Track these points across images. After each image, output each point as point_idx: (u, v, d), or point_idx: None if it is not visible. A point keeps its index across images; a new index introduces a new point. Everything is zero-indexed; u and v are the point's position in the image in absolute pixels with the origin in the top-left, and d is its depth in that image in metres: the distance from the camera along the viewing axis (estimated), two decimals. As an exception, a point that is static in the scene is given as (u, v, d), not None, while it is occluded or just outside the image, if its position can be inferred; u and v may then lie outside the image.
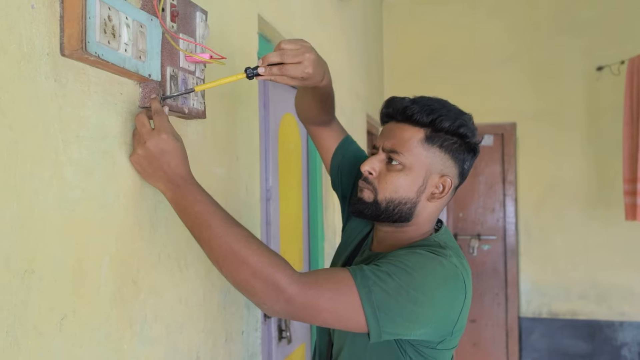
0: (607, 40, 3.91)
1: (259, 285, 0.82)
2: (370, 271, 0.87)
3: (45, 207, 0.71)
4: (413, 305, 0.87)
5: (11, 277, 0.65)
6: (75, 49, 0.74)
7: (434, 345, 0.95)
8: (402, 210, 1.00)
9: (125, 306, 0.88)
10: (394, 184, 0.99)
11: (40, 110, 0.71)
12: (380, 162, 1.01)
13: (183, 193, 0.87)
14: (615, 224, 3.82)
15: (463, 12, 4.22)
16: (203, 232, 0.85)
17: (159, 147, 0.85)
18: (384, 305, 0.85)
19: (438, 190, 1.00)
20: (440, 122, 0.97)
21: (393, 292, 0.86)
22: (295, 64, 0.92)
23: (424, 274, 0.89)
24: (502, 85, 4.10)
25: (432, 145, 0.98)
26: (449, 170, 1.01)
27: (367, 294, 0.85)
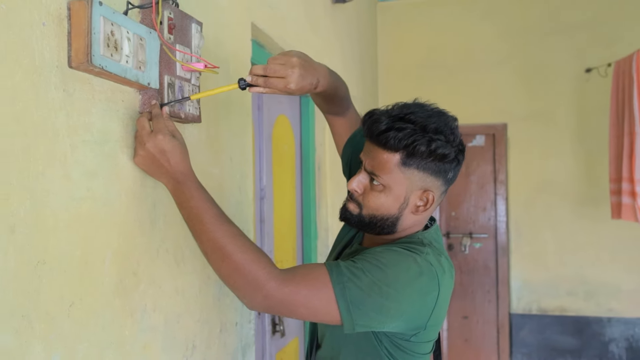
0: (595, 43, 3.99)
1: (240, 280, 0.91)
2: (346, 267, 0.94)
3: (55, 205, 0.79)
4: (385, 300, 0.94)
5: (25, 268, 0.73)
6: (81, 61, 0.81)
7: (408, 338, 1.02)
8: (384, 224, 1.05)
9: (127, 296, 0.96)
10: (376, 202, 1.04)
11: (51, 118, 0.78)
12: (365, 180, 1.05)
13: (181, 188, 0.95)
14: (603, 222, 3.91)
15: (456, 15, 4.30)
16: (196, 226, 0.94)
17: (158, 148, 0.93)
18: (357, 300, 0.92)
19: (422, 203, 1.04)
20: (414, 148, 0.97)
21: (366, 287, 0.93)
22: (278, 79, 0.99)
23: (396, 271, 0.96)
24: (493, 86, 4.18)
25: (408, 167, 1.00)
26: (431, 184, 1.02)
27: (341, 290, 0.92)
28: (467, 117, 4.30)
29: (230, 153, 1.43)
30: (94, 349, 0.87)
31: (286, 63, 1.00)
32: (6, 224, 0.70)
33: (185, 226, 1.14)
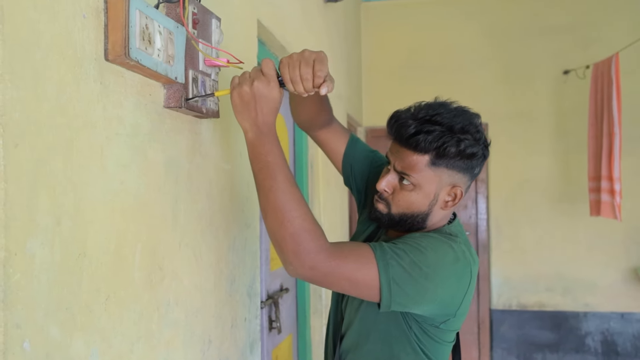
0: (573, 46, 4.12)
1: (293, 246, 0.92)
2: (389, 247, 0.98)
3: (94, 197, 0.79)
4: (424, 280, 0.97)
5: (69, 260, 0.73)
6: (118, 54, 0.81)
7: (437, 324, 1.05)
8: (415, 220, 1.09)
9: (154, 290, 0.96)
10: (406, 201, 1.07)
11: (90, 111, 0.78)
12: (394, 180, 1.08)
13: (263, 140, 0.96)
14: (580, 219, 4.04)
15: (439, 15, 4.38)
16: (266, 182, 0.94)
17: (262, 91, 0.94)
18: (398, 278, 0.96)
19: (450, 199, 1.08)
20: (444, 150, 1.00)
21: (407, 266, 0.96)
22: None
23: (435, 254, 1.00)
24: (475, 86, 4.26)
25: (438, 167, 1.03)
26: (459, 180, 1.06)
27: (384, 266, 0.95)
28: (449, 116, 4.37)
29: (240, 149, 1.43)
30: (126, 343, 0.87)
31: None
32: (53, 215, 0.70)
33: (202, 222, 1.16)
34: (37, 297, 0.67)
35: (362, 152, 1.36)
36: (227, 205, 1.32)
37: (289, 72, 0.96)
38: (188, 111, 1.04)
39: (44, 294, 0.68)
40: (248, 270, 1.47)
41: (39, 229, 0.67)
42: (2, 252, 0.61)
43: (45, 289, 0.68)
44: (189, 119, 1.12)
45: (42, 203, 0.68)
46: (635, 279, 4.05)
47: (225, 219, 1.31)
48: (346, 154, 1.35)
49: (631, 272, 4.07)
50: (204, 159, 1.19)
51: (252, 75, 0.96)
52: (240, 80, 0.98)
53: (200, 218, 1.17)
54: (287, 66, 0.96)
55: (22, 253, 0.64)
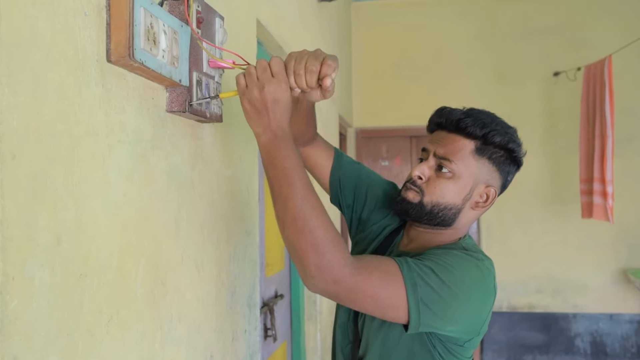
0: (563, 48, 4.12)
1: (315, 258, 0.84)
2: (415, 264, 0.92)
3: (95, 210, 0.72)
4: (453, 301, 0.92)
5: (69, 281, 0.67)
6: (122, 55, 0.75)
7: (462, 343, 1.01)
8: (446, 214, 1.05)
9: (157, 307, 0.90)
10: (442, 189, 1.03)
11: (92, 116, 0.72)
12: (430, 168, 1.05)
13: (279, 144, 0.88)
14: (571, 221, 4.04)
15: (429, 16, 4.35)
16: (283, 188, 0.87)
17: (274, 96, 0.87)
18: (427, 298, 0.90)
19: (482, 199, 1.06)
20: (492, 137, 1.01)
21: (437, 287, 0.91)
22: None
23: (463, 273, 0.95)
24: (466, 87, 4.25)
25: (481, 156, 1.02)
26: (494, 181, 1.06)
27: (412, 286, 0.89)
28: (440, 117, 4.35)
29: (241, 153, 1.37)
30: (129, 366, 0.81)
31: None
32: (53, 234, 0.63)
33: (204, 231, 1.10)
34: (36, 324, 0.60)
35: (349, 164, 1.30)
36: (227, 213, 1.26)
37: (295, 64, 0.89)
38: (192, 115, 0.98)
39: (43, 320, 0.62)
40: (248, 280, 1.42)
41: (38, 249, 0.61)
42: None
43: (45, 314, 0.62)
44: (191, 123, 1.06)
45: (42, 220, 0.61)
46: (624, 281, 4.07)
47: (226, 228, 1.25)
48: (334, 168, 1.28)
49: (620, 274, 4.09)
50: (206, 166, 1.13)
51: (261, 78, 0.89)
52: (249, 84, 0.90)
53: (202, 228, 1.10)
54: (294, 59, 0.90)
55: (20, 277, 0.58)
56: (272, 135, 0.89)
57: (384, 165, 4.45)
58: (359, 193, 1.28)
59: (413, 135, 4.38)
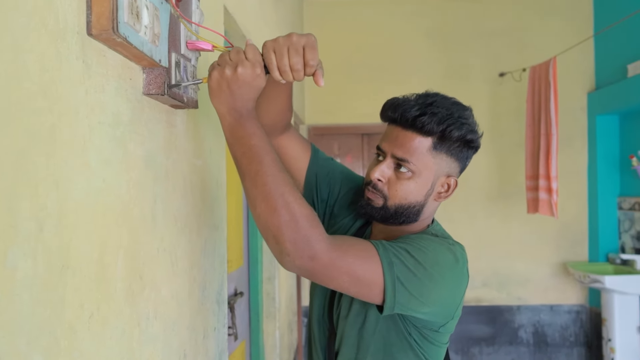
0: (509, 49, 4.27)
1: (290, 234, 0.82)
2: (390, 245, 0.92)
3: (77, 197, 0.66)
4: (428, 282, 0.92)
5: (52, 273, 0.60)
6: (105, 28, 0.69)
7: (437, 328, 1.01)
8: (410, 212, 1.04)
9: (135, 303, 0.84)
10: (404, 190, 1.02)
11: (72, 93, 0.66)
12: (389, 169, 1.04)
13: (244, 122, 0.87)
14: (515, 217, 4.20)
15: (381, 15, 4.39)
16: (252, 166, 0.85)
17: (246, 79, 0.85)
18: (403, 277, 0.89)
19: (444, 189, 1.06)
20: (449, 132, 0.99)
21: (412, 266, 0.91)
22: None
23: (436, 255, 0.95)
24: (417, 86, 4.24)
25: (439, 151, 1.02)
26: (454, 170, 1.06)
27: (389, 264, 0.88)
28: (390, 115, 4.41)
29: (210, 143, 1.32)
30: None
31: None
32: (36, 220, 0.57)
33: (178, 223, 1.05)
34: (19, 320, 0.54)
35: (324, 160, 1.28)
36: (198, 205, 1.21)
37: (277, 60, 0.87)
38: (169, 100, 0.92)
39: (26, 316, 0.55)
40: (217, 275, 1.36)
41: (20, 236, 0.54)
42: (-20, 266, 0.48)
43: (28, 310, 0.56)
44: (166, 109, 1.00)
45: (24, 205, 0.55)
46: (564, 273, 4.26)
47: (197, 221, 1.19)
48: (311, 164, 1.25)
49: (560, 267, 4.28)
50: (179, 155, 1.07)
51: (234, 59, 0.86)
52: (221, 63, 0.88)
53: (176, 219, 1.05)
54: (274, 52, 0.87)
55: (2, 267, 0.51)
56: (237, 115, 0.88)
57: (336, 162, 4.46)
58: (333, 188, 1.27)
59: (365, 132, 4.41)
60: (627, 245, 4.00)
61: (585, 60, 4.22)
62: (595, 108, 4.14)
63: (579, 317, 4.32)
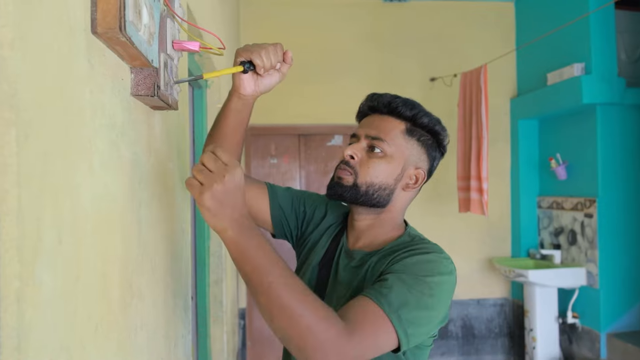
0: (439, 56, 4.45)
1: (312, 342, 0.81)
2: (388, 290, 0.91)
3: (85, 204, 0.63)
4: (431, 312, 0.93)
5: (69, 285, 0.57)
6: (111, 27, 0.66)
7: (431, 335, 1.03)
8: (381, 195, 1.07)
9: (126, 312, 0.80)
10: (375, 169, 1.06)
11: (80, 93, 0.62)
12: (362, 149, 1.08)
13: (247, 234, 0.82)
14: (447, 216, 4.38)
15: (317, 17, 4.42)
16: (264, 279, 0.81)
17: (235, 183, 0.80)
18: (411, 320, 0.90)
19: (412, 181, 1.10)
20: (420, 117, 1.07)
21: (414, 305, 0.91)
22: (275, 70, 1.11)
23: (433, 278, 0.94)
24: (352, 89, 4.39)
25: (411, 137, 1.08)
26: (423, 164, 1.11)
27: (397, 318, 0.89)
28: (326, 117, 4.46)
29: (178, 144, 1.28)
30: (107, 380, 0.71)
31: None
32: (56, 229, 0.53)
33: (156, 229, 1.01)
34: (45, 338, 0.51)
35: (282, 192, 1.29)
36: (170, 209, 1.17)
37: (264, 54, 1.08)
38: (156, 101, 0.89)
39: (50, 332, 0.52)
40: (184, 281, 1.32)
41: (45, 248, 0.51)
42: (15, 281, 0.45)
43: (51, 325, 0.52)
44: (146, 110, 0.96)
45: (48, 214, 0.52)
46: (490, 269, 4.51)
47: (169, 225, 1.16)
48: (272, 202, 1.25)
49: (486, 262, 4.53)
50: (157, 157, 1.04)
51: (216, 169, 0.80)
52: (206, 180, 0.79)
53: (155, 225, 1.01)
54: (261, 50, 1.07)
55: (32, 282, 0.48)
56: (238, 228, 0.82)
57: (272, 162, 4.44)
58: (298, 211, 1.28)
59: (301, 133, 4.43)
60: (545, 241, 4.30)
61: (508, 68, 4.48)
62: (517, 113, 4.42)
63: (503, 310, 4.58)
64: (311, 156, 4.48)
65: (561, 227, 4.07)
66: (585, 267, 3.76)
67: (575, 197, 3.88)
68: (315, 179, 4.51)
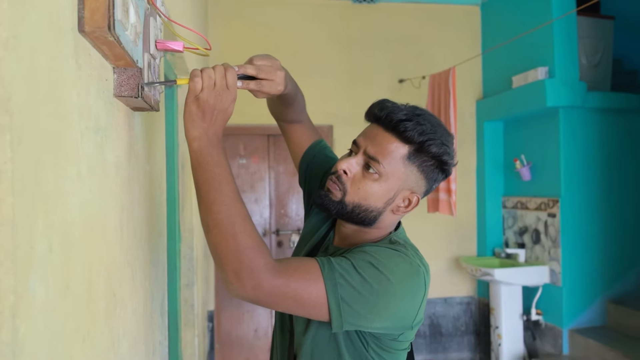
0: (408, 58, 4.49)
1: (236, 264, 0.84)
2: (338, 264, 0.91)
3: (74, 210, 0.60)
4: (376, 299, 0.90)
5: (58, 296, 0.54)
6: (99, 26, 0.63)
7: (395, 337, 1.00)
8: (366, 216, 1.03)
9: (110, 322, 0.78)
10: (366, 191, 1.00)
11: (67, 95, 0.59)
12: (358, 165, 1.01)
13: (212, 151, 0.88)
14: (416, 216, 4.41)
15: (289, 16, 4.40)
16: (210, 193, 0.87)
17: (225, 105, 0.89)
18: (348, 298, 0.89)
19: (404, 205, 1.04)
20: (428, 146, 0.98)
21: (358, 285, 0.89)
22: (270, 81, 0.99)
23: (388, 269, 0.93)
24: (322, 89, 4.39)
25: (412, 163, 1.00)
26: (419, 188, 1.04)
27: (332, 286, 0.88)
28: (296, 117, 4.45)
29: (156, 146, 1.24)
30: (93, 393, 0.68)
31: (272, 64, 1.00)
32: (46, 240, 0.51)
33: (136, 233, 0.99)
34: (37, 353, 0.48)
35: (323, 155, 1.29)
36: (149, 213, 1.14)
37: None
38: (139, 102, 0.86)
39: (42, 346, 0.49)
40: (160, 286, 1.29)
41: (37, 258, 0.48)
42: (10, 296, 0.42)
43: (43, 340, 0.49)
44: (126, 111, 0.93)
45: (39, 222, 0.49)
46: (457, 267, 4.58)
47: (148, 229, 1.12)
48: (306, 154, 1.29)
49: (453, 261, 4.60)
50: (137, 160, 1.01)
51: (219, 85, 0.89)
52: (206, 88, 0.89)
53: (135, 229, 0.98)
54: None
55: (26, 294, 0.45)
56: (207, 141, 0.89)
57: (241, 162, 4.40)
58: (324, 180, 1.24)
59: (270, 134, 4.40)
60: (510, 240, 4.40)
61: (474, 70, 4.57)
62: (482, 115, 4.51)
63: (469, 308, 4.67)
64: (280, 157, 4.46)
65: (525, 227, 4.17)
66: (548, 266, 3.87)
67: (539, 197, 3.99)
68: (284, 179, 4.49)
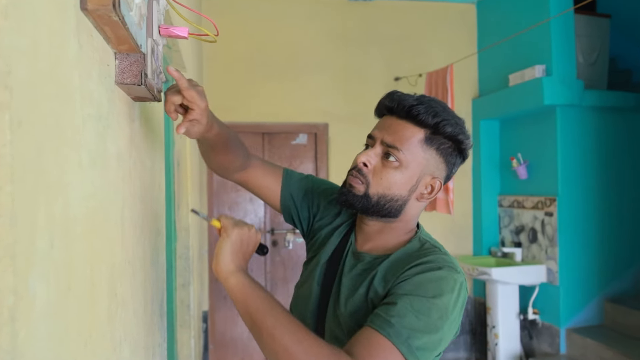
0: (403, 56, 4.46)
1: None
2: (398, 321, 0.87)
3: (76, 204, 0.55)
4: (441, 334, 0.89)
5: (60, 296, 0.49)
6: (103, 3, 0.58)
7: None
8: (392, 206, 1.01)
9: (112, 324, 0.73)
10: (388, 180, 0.99)
11: (69, 78, 0.54)
12: (377, 156, 1.00)
13: (248, 279, 0.93)
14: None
15: (283, 13, 4.35)
16: (267, 321, 0.87)
17: (258, 239, 1.01)
18: (422, 344, 0.87)
19: (427, 191, 1.03)
20: (443, 126, 0.98)
21: (423, 328, 0.87)
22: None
23: (442, 297, 0.90)
24: (317, 86, 4.35)
25: (430, 146, 0.99)
26: (440, 172, 1.03)
27: (407, 347, 0.85)
28: (292, 116, 4.40)
29: (154, 140, 1.19)
30: (95, 401, 0.63)
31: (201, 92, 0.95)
32: (47, 234, 0.46)
33: (137, 231, 0.94)
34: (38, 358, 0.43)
35: (298, 180, 1.25)
36: (148, 210, 1.09)
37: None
38: (142, 91, 0.81)
39: (42, 353, 0.44)
40: (160, 285, 1.24)
41: (37, 255, 0.43)
42: (10, 296, 0.37)
43: (44, 345, 0.45)
44: (127, 101, 0.88)
45: (41, 215, 0.44)
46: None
47: (148, 226, 1.07)
48: (284, 187, 1.23)
49: (449, 261, 4.57)
50: (138, 154, 0.96)
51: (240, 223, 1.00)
52: (238, 223, 0.99)
53: (136, 226, 0.93)
54: None
55: (26, 294, 0.41)
56: (241, 275, 0.93)
57: (236, 162, 4.34)
58: (311, 204, 1.24)
59: (265, 132, 4.35)
60: (506, 239, 4.38)
61: (470, 68, 4.54)
62: (479, 113, 4.48)
63: (465, 307, 4.64)
64: (275, 155, 4.41)
65: (522, 226, 4.15)
66: (545, 265, 3.85)
67: (535, 196, 3.97)
68: (279, 178, 4.44)
